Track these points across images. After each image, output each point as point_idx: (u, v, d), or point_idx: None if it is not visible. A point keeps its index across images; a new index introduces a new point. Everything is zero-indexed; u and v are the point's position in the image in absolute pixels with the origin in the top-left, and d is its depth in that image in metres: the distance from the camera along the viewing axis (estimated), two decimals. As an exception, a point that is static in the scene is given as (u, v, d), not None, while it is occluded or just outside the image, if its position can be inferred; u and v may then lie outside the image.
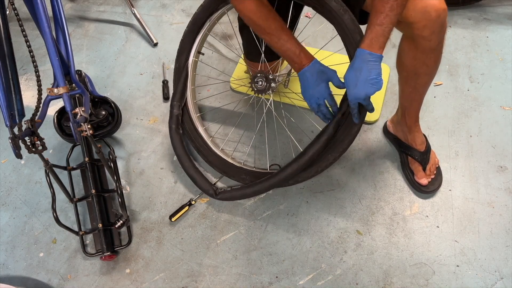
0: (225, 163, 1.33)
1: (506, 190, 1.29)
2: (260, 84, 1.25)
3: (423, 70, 1.07)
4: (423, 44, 0.98)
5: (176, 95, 1.37)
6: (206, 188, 1.29)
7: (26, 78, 1.73)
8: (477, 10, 1.77)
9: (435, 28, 0.94)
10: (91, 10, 1.95)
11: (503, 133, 1.40)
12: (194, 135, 1.37)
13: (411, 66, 1.07)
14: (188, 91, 1.39)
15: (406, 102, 1.22)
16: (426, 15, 0.91)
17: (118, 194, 1.26)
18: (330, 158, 1.15)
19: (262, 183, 1.23)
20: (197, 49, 1.37)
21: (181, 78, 1.37)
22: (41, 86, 1.06)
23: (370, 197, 1.31)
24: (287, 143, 1.43)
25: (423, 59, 1.03)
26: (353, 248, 1.22)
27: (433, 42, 0.98)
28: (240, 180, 1.30)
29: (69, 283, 1.23)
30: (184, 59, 1.37)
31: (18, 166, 1.48)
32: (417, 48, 1.00)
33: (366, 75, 0.92)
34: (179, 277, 1.22)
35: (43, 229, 1.33)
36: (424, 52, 1.01)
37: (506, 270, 1.16)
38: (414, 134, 1.27)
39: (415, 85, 1.13)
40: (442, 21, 0.93)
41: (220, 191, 1.28)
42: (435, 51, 1.02)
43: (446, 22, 0.95)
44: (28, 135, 1.03)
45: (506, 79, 1.54)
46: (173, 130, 1.35)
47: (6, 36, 1.09)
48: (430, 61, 1.04)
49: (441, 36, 0.98)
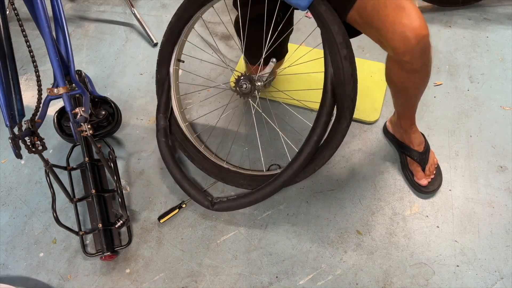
0: (221, 169, 1.32)
1: (506, 190, 1.29)
2: (244, 87, 1.22)
3: (410, 85, 1.05)
4: (406, 67, 0.96)
5: (161, 107, 1.35)
6: (201, 200, 1.27)
7: (26, 78, 1.73)
8: (477, 10, 1.77)
9: (415, 54, 0.90)
10: (91, 10, 1.95)
11: (503, 133, 1.40)
12: (185, 144, 1.36)
13: (399, 83, 1.06)
14: (173, 101, 1.37)
15: (400, 109, 1.23)
16: (405, 41, 0.87)
17: (118, 194, 1.26)
18: (326, 155, 1.14)
19: (258, 191, 1.22)
20: (177, 57, 1.34)
21: (164, 89, 1.35)
22: (41, 86, 1.06)
23: (370, 197, 1.31)
24: (280, 142, 1.43)
25: (409, 77, 1.01)
26: (353, 248, 1.22)
27: (416, 65, 0.95)
28: (238, 185, 1.29)
29: (69, 283, 1.23)
30: (165, 69, 1.35)
31: (18, 166, 1.48)
32: (402, 69, 0.99)
33: None
34: (179, 277, 1.22)
35: (43, 229, 1.33)
36: (408, 72, 0.99)
37: (506, 270, 1.16)
38: (411, 136, 1.27)
39: (406, 97, 1.13)
40: (422, 47, 0.89)
41: (216, 201, 1.26)
42: (419, 72, 0.99)
43: (429, 45, 0.92)
44: (28, 135, 1.03)
45: (506, 79, 1.54)
46: (162, 143, 1.33)
47: (6, 36, 1.09)
48: (416, 79, 1.02)
49: (424, 59, 0.95)
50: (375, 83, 1.54)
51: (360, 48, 1.68)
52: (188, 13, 1.24)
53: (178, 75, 1.39)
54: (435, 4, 1.77)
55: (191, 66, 1.68)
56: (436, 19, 1.75)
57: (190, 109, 1.56)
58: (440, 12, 1.77)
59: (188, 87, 1.63)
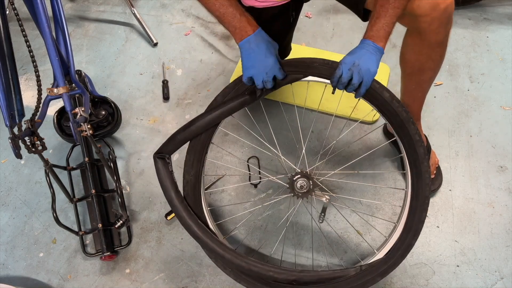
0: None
1: (506, 190, 1.29)
2: (300, 186, 1.09)
3: (428, 65, 1.06)
4: (430, 38, 0.98)
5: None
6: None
7: (26, 78, 1.73)
8: (477, 10, 1.76)
9: (443, 20, 0.93)
10: (91, 10, 1.95)
11: (503, 133, 1.40)
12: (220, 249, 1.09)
13: (416, 62, 1.06)
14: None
15: (408, 100, 1.21)
16: (433, 6, 0.90)
17: (118, 194, 1.26)
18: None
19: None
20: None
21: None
22: (41, 86, 1.06)
23: (370, 197, 1.31)
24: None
25: (429, 54, 1.02)
26: (353, 248, 1.22)
27: (441, 35, 0.97)
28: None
29: (69, 283, 1.23)
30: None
31: (18, 166, 1.48)
32: (423, 43, 1.00)
33: (366, 64, 0.89)
34: (179, 277, 1.22)
35: (43, 229, 1.33)
36: (430, 46, 1.00)
37: (506, 270, 1.16)
38: None
39: (419, 81, 1.12)
40: (449, 13, 0.93)
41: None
42: (442, 45, 1.01)
43: (452, 13, 0.95)
44: (28, 135, 1.03)
45: (506, 79, 1.54)
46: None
47: (6, 36, 1.09)
48: (436, 55, 1.04)
49: (448, 29, 0.97)
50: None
51: (360, 48, 1.68)
52: (208, 135, 1.13)
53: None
54: (435, 4, 1.77)
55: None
56: (436, 19, 1.75)
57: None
58: (440, 12, 1.77)
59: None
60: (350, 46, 1.67)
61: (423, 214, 1.01)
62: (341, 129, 1.43)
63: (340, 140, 1.40)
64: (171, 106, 1.58)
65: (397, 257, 1.02)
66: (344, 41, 1.69)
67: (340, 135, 1.41)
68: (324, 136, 1.43)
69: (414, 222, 1.02)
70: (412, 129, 0.99)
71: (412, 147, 1.01)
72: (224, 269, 1.11)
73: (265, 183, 1.36)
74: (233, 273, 1.10)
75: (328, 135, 1.43)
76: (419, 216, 1.01)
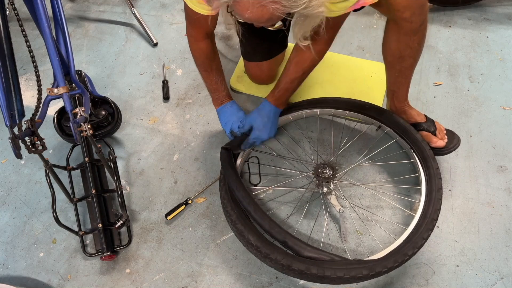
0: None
1: (506, 190, 1.29)
2: (325, 172, 1.26)
3: (407, 52, 1.10)
4: (405, 26, 1.03)
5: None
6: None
7: (26, 78, 1.73)
8: (477, 10, 1.77)
9: (415, 9, 0.98)
10: (91, 10, 1.95)
11: (503, 133, 1.40)
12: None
13: (396, 50, 1.11)
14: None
15: (393, 87, 1.26)
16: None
17: (118, 194, 1.26)
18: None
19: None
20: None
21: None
22: (41, 86, 1.06)
23: (370, 197, 1.31)
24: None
25: (407, 42, 1.07)
26: (353, 248, 1.22)
27: (415, 24, 1.02)
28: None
29: (69, 283, 1.23)
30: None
31: (18, 166, 1.48)
32: (400, 31, 1.05)
33: (271, 124, 1.23)
34: (179, 277, 1.22)
35: (43, 229, 1.33)
36: (407, 34, 1.05)
37: (506, 270, 1.16)
38: (408, 112, 1.30)
39: (400, 69, 1.17)
40: (422, 3, 0.98)
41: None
42: (418, 33, 1.05)
43: (426, 3, 1.00)
44: (28, 135, 1.03)
45: (506, 79, 1.54)
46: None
47: (6, 36, 1.09)
48: (414, 43, 1.08)
49: (423, 17, 1.02)
50: (375, 83, 1.54)
51: (360, 48, 1.68)
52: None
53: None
54: (435, 4, 1.77)
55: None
56: (436, 19, 1.75)
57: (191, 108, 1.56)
58: (440, 12, 1.77)
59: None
60: (350, 46, 1.68)
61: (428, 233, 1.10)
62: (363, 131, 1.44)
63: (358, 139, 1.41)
64: (171, 106, 1.58)
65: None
66: (344, 41, 1.69)
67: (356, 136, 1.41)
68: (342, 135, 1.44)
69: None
70: (434, 165, 1.21)
71: (431, 180, 1.19)
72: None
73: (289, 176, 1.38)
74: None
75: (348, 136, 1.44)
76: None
